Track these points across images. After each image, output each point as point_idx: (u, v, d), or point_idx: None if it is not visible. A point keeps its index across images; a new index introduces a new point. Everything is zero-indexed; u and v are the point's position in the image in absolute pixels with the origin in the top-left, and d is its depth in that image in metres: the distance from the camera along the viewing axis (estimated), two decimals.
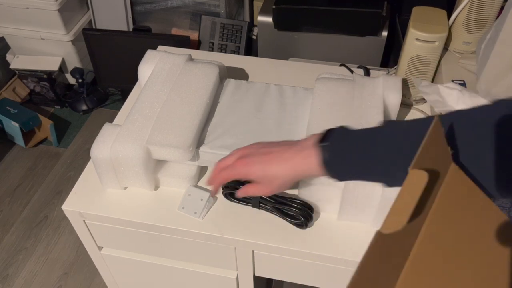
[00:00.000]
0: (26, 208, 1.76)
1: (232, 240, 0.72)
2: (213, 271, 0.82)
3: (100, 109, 2.16)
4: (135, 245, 0.81)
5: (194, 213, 0.73)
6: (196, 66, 0.84)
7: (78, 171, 1.89)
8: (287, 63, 1.03)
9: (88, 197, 0.77)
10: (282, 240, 0.70)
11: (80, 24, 2.02)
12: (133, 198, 0.76)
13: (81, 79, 2.04)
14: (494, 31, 0.77)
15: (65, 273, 1.57)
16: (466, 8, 0.88)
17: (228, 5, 1.87)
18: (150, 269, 0.87)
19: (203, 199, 0.73)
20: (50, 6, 1.85)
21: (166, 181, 0.77)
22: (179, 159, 0.72)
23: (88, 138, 2.03)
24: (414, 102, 0.91)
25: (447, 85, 0.82)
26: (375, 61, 1.54)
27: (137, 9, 2.01)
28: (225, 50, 1.89)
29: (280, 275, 0.79)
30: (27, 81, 2.08)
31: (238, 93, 0.84)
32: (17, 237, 1.67)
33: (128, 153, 0.71)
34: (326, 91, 0.79)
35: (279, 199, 0.71)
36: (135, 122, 0.74)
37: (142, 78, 0.88)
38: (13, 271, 1.57)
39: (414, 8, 0.91)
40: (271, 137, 0.76)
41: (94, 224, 0.78)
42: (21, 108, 1.96)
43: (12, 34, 2.01)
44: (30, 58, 2.07)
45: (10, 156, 1.96)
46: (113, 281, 0.95)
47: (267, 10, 1.53)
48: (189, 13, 1.95)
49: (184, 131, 0.73)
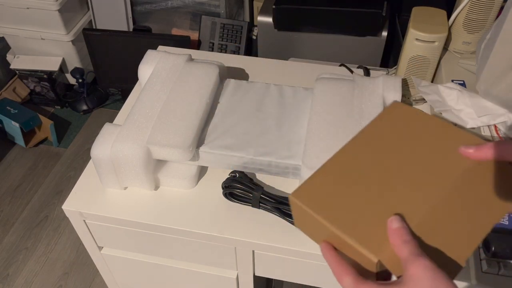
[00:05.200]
0: (27, 208, 1.76)
1: (232, 240, 0.72)
2: (213, 271, 0.82)
3: (100, 109, 2.16)
4: (135, 245, 0.81)
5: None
6: (196, 66, 0.84)
7: (78, 171, 1.89)
8: (287, 63, 1.03)
9: (88, 197, 0.77)
10: (282, 240, 0.70)
11: (80, 24, 2.02)
12: (133, 198, 0.76)
13: (81, 79, 2.04)
14: (494, 31, 0.77)
15: (65, 273, 1.57)
16: (466, 8, 0.88)
17: (228, 5, 1.87)
18: (150, 269, 0.87)
19: None
20: (50, 6, 1.85)
21: (166, 181, 0.77)
22: (179, 159, 0.72)
23: (88, 138, 2.03)
24: (414, 102, 0.91)
25: (447, 85, 0.83)
26: (375, 61, 1.54)
27: (137, 9, 2.01)
28: (225, 50, 1.89)
29: (280, 275, 0.79)
30: (27, 81, 2.08)
31: (238, 93, 0.84)
32: (17, 237, 1.67)
33: (128, 153, 0.71)
34: (326, 91, 0.79)
35: (279, 199, 0.71)
36: (135, 122, 0.74)
37: (142, 78, 0.88)
38: (13, 271, 1.57)
39: (414, 8, 0.91)
40: (271, 137, 0.76)
41: (94, 224, 0.78)
42: (21, 108, 1.96)
43: (12, 34, 2.01)
44: (30, 58, 2.07)
45: (10, 156, 1.96)
46: (113, 281, 0.95)
47: (267, 10, 1.53)
48: (189, 13, 1.95)
49: (184, 131, 0.73)
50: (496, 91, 0.77)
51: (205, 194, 0.76)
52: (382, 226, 0.42)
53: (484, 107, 0.79)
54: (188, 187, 0.77)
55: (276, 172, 0.74)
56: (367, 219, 0.43)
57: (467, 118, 0.79)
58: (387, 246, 0.40)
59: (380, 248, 0.40)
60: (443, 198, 0.44)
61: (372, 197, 0.45)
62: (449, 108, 0.81)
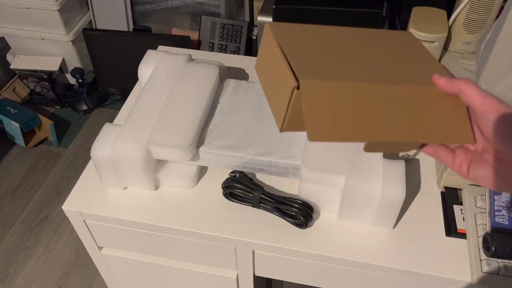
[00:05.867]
0: (27, 208, 1.76)
1: (232, 240, 0.72)
2: (213, 271, 0.82)
3: (100, 109, 2.16)
4: (135, 245, 0.81)
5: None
6: (196, 66, 0.84)
7: (78, 171, 1.89)
8: None
9: (88, 197, 0.77)
10: (282, 240, 0.70)
11: (80, 24, 2.02)
12: (133, 198, 0.77)
13: (81, 79, 2.05)
14: (494, 31, 0.77)
15: (65, 273, 1.57)
16: (466, 8, 0.88)
17: (228, 5, 1.87)
18: (150, 269, 0.87)
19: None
20: (50, 6, 1.85)
21: (166, 181, 0.77)
22: (179, 159, 0.72)
23: (88, 138, 2.03)
24: None
25: None
26: None
27: (137, 9, 2.01)
28: (225, 50, 1.89)
29: (280, 275, 0.79)
30: (27, 81, 2.08)
31: (238, 93, 0.84)
32: (17, 237, 1.67)
33: (128, 153, 0.71)
34: None
35: (279, 199, 0.71)
36: (135, 122, 0.74)
37: (142, 78, 0.88)
38: (13, 271, 1.57)
39: (414, 8, 0.91)
40: (271, 137, 0.76)
41: (94, 224, 0.78)
42: (21, 108, 1.96)
43: (12, 34, 2.01)
44: (30, 58, 2.07)
45: (10, 156, 1.96)
46: (113, 281, 0.95)
47: (267, 10, 1.53)
48: (189, 13, 1.95)
49: (184, 131, 0.73)
50: (496, 91, 0.77)
51: (205, 194, 0.77)
52: (328, 73, 0.42)
53: None
54: (188, 187, 0.77)
55: (276, 172, 0.74)
56: (319, 66, 0.43)
57: None
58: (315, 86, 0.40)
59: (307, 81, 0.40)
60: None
61: (330, 58, 0.45)
62: None
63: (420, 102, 0.44)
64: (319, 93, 0.40)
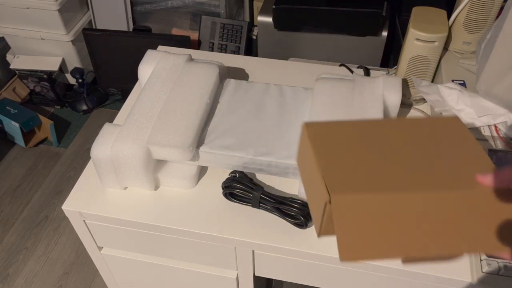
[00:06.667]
0: (26, 208, 1.76)
1: (232, 240, 0.72)
2: (213, 271, 0.82)
3: (100, 109, 2.16)
4: (135, 245, 0.81)
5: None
6: (196, 66, 0.84)
7: (78, 171, 1.89)
8: (287, 63, 1.03)
9: (88, 197, 0.77)
10: (282, 240, 0.70)
11: (80, 24, 2.02)
12: (133, 198, 0.76)
13: (81, 79, 2.04)
14: (494, 31, 0.77)
15: (65, 273, 1.57)
16: (466, 8, 0.88)
17: (228, 5, 1.87)
18: (150, 269, 0.87)
19: None
20: (50, 6, 1.85)
21: (166, 181, 0.77)
22: (179, 159, 0.72)
23: (88, 138, 2.03)
24: (414, 102, 0.91)
25: (447, 85, 0.82)
26: (375, 61, 1.54)
27: (137, 9, 2.01)
28: (225, 50, 1.89)
29: (280, 275, 0.79)
30: (27, 81, 2.08)
31: (238, 93, 0.84)
32: (17, 237, 1.67)
33: (128, 153, 0.71)
34: (326, 91, 0.79)
35: (279, 199, 0.71)
36: (135, 122, 0.74)
37: (142, 78, 0.88)
38: (13, 271, 1.57)
39: (414, 8, 0.91)
40: (271, 137, 0.76)
41: (94, 224, 0.78)
42: (21, 108, 1.96)
43: (12, 34, 2.01)
44: (30, 58, 2.07)
45: (10, 156, 1.96)
46: (113, 281, 0.95)
47: (267, 10, 1.54)
48: (189, 13, 1.95)
49: (184, 131, 0.73)
50: (496, 91, 0.77)
51: (205, 194, 0.76)
52: (362, 183, 0.40)
53: (484, 107, 0.79)
54: (188, 187, 0.77)
55: (276, 172, 0.74)
56: (353, 174, 0.41)
57: (467, 118, 0.79)
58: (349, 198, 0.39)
59: (341, 193, 0.39)
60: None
61: (365, 162, 0.43)
62: (449, 108, 0.81)
63: (464, 207, 0.41)
64: (351, 208, 0.38)
